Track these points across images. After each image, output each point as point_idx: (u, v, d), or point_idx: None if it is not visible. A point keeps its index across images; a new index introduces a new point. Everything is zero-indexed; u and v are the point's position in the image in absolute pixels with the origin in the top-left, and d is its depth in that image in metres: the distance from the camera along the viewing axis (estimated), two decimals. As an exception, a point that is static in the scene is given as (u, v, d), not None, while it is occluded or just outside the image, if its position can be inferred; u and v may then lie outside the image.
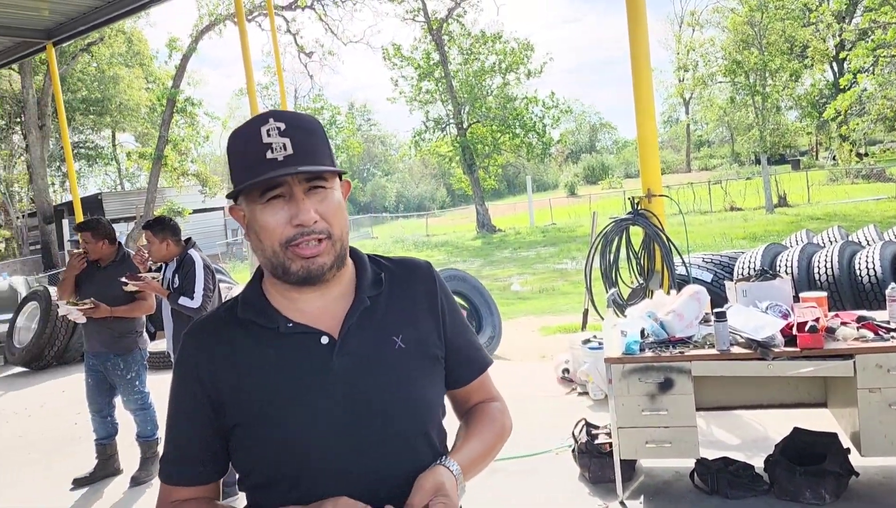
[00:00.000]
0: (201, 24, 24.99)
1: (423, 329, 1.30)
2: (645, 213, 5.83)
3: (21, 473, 5.38)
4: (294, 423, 1.17)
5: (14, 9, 9.52)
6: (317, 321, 1.23)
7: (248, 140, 1.17)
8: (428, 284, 1.36)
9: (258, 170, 1.13)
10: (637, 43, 5.74)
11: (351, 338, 1.22)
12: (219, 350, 1.22)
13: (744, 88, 25.60)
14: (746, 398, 4.36)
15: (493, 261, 20.54)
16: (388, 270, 1.33)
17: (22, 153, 31.37)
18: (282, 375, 1.19)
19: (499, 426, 1.40)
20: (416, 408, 1.25)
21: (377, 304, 1.27)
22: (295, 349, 1.20)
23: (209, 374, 1.21)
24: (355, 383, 1.20)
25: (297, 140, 1.16)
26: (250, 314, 1.23)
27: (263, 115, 1.19)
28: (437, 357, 1.32)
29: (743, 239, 17.05)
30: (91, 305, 4.71)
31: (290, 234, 1.15)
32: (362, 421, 1.19)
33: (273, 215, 1.16)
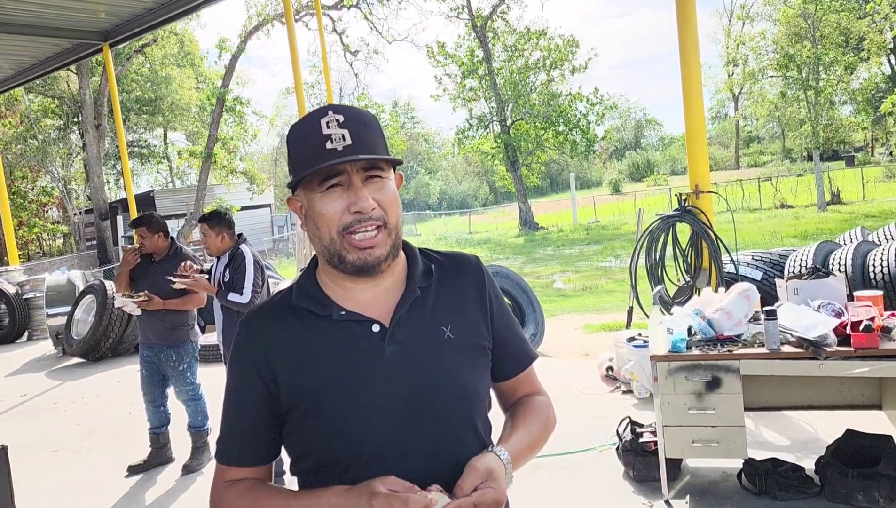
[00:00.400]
0: (250, 25, 25.43)
1: (472, 321, 1.33)
2: (692, 209, 5.77)
3: (78, 460, 5.58)
4: (346, 409, 1.21)
5: (72, 12, 9.86)
6: (368, 310, 1.26)
7: (307, 132, 1.21)
8: (476, 277, 1.38)
9: (317, 160, 1.17)
10: (686, 37, 5.66)
11: (401, 327, 1.25)
12: (274, 336, 1.26)
13: (796, 82, 24.96)
14: (797, 398, 4.28)
15: (536, 258, 20.45)
16: (438, 262, 1.36)
17: (79, 152, 32.37)
18: (335, 361, 1.22)
19: (545, 419, 1.42)
20: (464, 398, 1.27)
21: (427, 294, 1.30)
22: (347, 337, 1.24)
23: (264, 359, 1.25)
24: (406, 370, 1.23)
25: (355, 131, 1.20)
26: (304, 302, 1.27)
27: (323, 108, 1.23)
28: (485, 349, 1.34)
29: (794, 237, 16.65)
30: (145, 297, 4.85)
31: (347, 221, 1.19)
32: (412, 409, 1.22)
33: (331, 202, 1.20)
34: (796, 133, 27.50)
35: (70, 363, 9.64)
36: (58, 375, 9.00)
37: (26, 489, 4.77)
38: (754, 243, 16.03)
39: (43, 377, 8.94)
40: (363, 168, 1.20)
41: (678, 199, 5.84)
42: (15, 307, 11.92)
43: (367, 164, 1.20)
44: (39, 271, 17.83)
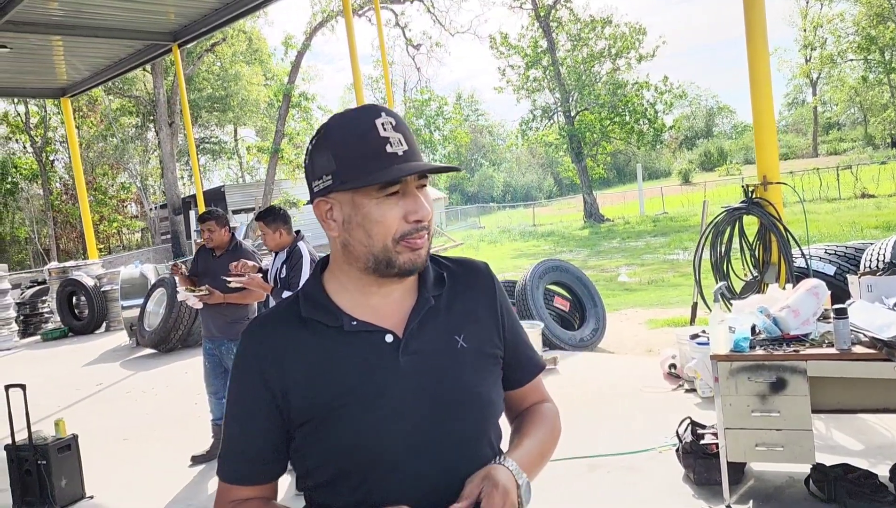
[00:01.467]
0: (314, 22, 25.83)
1: (484, 329, 1.30)
2: (760, 201, 5.53)
3: (146, 448, 5.78)
4: (363, 420, 1.17)
5: (142, 14, 10.20)
6: (380, 319, 1.22)
7: (362, 131, 1.15)
8: (487, 285, 1.36)
9: (380, 163, 1.13)
10: (753, 21, 5.43)
11: (415, 337, 1.22)
12: (282, 348, 1.21)
13: (878, 65, 23.73)
14: (871, 401, 4.04)
15: (601, 251, 20.12)
16: (448, 269, 1.33)
17: (155, 149, 33.63)
18: (348, 373, 1.19)
19: (551, 427, 1.39)
20: (479, 407, 1.25)
21: (440, 303, 1.27)
22: (360, 347, 1.20)
23: (274, 372, 1.20)
24: (421, 381, 1.20)
25: (408, 136, 1.18)
26: (312, 313, 1.23)
27: (373, 107, 1.19)
28: (497, 357, 1.32)
29: (875, 228, 15.83)
30: (206, 292, 4.97)
31: (405, 229, 1.16)
32: (428, 420, 1.19)
33: (389, 209, 1.15)
34: (878, 118, 26.18)
35: (142, 353, 10.03)
36: (131, 365, 9.36)
37: (96, 476, 4.96)
38: (832, 234, 15.34)
39: (117, 367, 9.32)
40: (417, 176, 1.17)
41: (745, 190, 5.61)
42: (93, 299, 12.47)
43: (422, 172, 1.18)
44: (116, 264, 18.60)
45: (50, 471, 4.50)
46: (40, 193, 34.00)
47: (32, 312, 14.08)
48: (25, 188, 34.31)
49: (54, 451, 4.55)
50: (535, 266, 7.86)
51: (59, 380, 8.88)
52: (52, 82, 13.85)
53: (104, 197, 33.27)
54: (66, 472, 4.64)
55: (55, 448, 4.56)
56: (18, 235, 34.27)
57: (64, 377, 9.02)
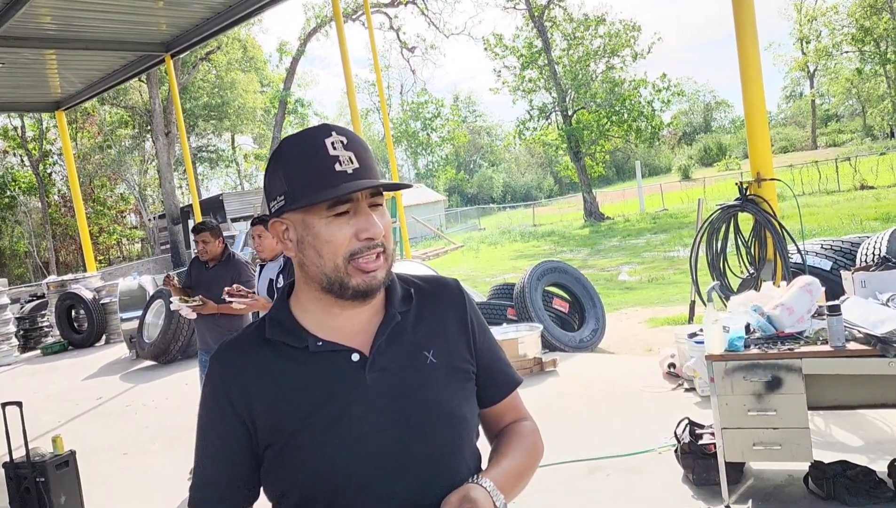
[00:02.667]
0: (308, 27, 25.85)
1: (454, 345, 1.29)
2: (755, 198, 5.51)
3: (146, 462, 5.77)
4: (328, 441, 1.16)
5: (134, 25, 10.21)
6: (346, 338, 1.21)
7: (311, 151, 1.15)
8: (457, 300, 1.34)
9: (330, 181, 1.12)
10: (742, 19, 5.42)
11: (382, 354, 1.21)
12: (248, 371, 1.20)
13: (873, 56, 23.71)
14: (869, 396, 4.02)
15: (601, 250, 20.10)
16: (417, 287, 1.32)
17: (153, 159, 33.65)
18: (314, 394, 1.17)
19: (531, 445, 1.35)
20: (451, 423, 1.22)
21: (407, 319, 1.26)
22: (326, 368, 1.19)
23: (240, 395, 1.19)
24: (389, 399, 1.18)
25: (360, 155, 1.16)
26: (278, 335, 1.21)
27: (324, 127, 1.18)
28: (469, 373, 1.30)
29: (875, 220, 15.79)
30: (200, 302, 4.96)
31: (355, 247, 1.15)
32: (398, 438, 1.17)
33: (339, 229, 1.15)
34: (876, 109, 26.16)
35: (142, 365, 10.01)
36: (131, 378, 9.35)
37: (96, 491, 4.95)
38: (831, 227, 15.32)
39: (117, 380, 9.31)
40: (370, 194, 1.17)
41: (739, 188, 5.60)
42: (92, 312, 12.47)
43: (374, 190, 1.17)
44: (116, 276, 18.60)
45: (48, 488, 4.48)
46: (39, 206, 34.03)
47: (32, 326, 14.08)
48: (24, 202, 34.35)
49: (52, 468, 4.53)
50: (534, 268, 7.84)
51: (59, 395, 8.87)
52: (47, 96, 13.86)
53: (103, 208, 33.29)
54: (65, 489, 4.61)
55: (53, 465, 4.54)
56: (17, 249, 34.30)
57: (64, 392, 9.01)
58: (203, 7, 9.87)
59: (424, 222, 31.12)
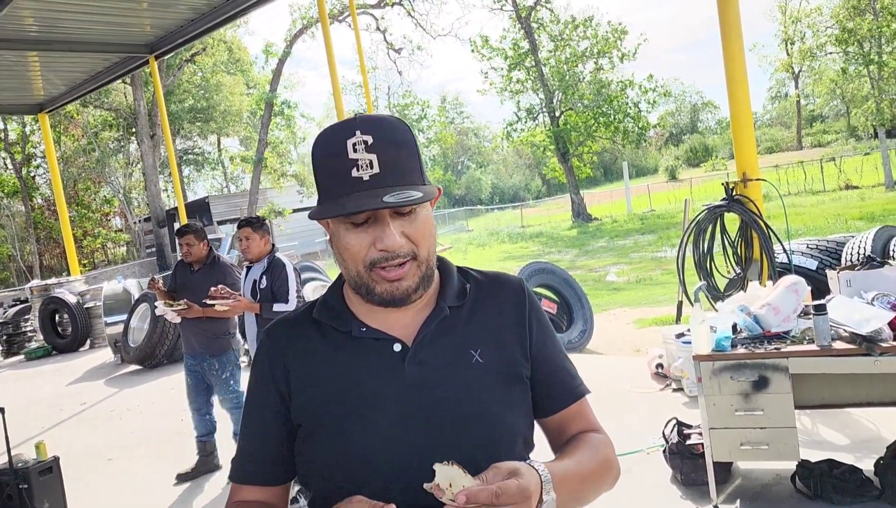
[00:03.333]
0: (294, 29, 25.77)
1: (507, 346, 1.22)
2: (741, 198, 5.53)
3: (131, 467, 5.70)
4: (356, 428, 1.13)
5: (118, 27, 10.12)
6: (392, 328, 1.19)
7: (333, 152, 1.11)
8: (517, 300, 1.27)
9: (342, 189, 1.09)
10: (727, 21, 5.44)
11: (425, 347, 1.17)
12: (292, 350, 1.21)
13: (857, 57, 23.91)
14: (855, 395, 4.04)
15: (589, 251, 20.15)
16: (475, 282, 1.27)
17: (138, 162, 33.41)
18: (350, 379, 1.16)
19: (601, 458, 1.23)
20: (488, 427, 1.15)
21: (458, 315, 1.21)
22: (366, 354, 1.17)
23: (282, 373, 1.20)
24: (426, 393, 1.14)
25: (385, 156, 1.09)
26: (325, 316, 1.21)
27: (350, 124, 1.11)
28: (521, 377, 1.23)
29: (859, 219, 15.93)
30: (185, 306, 4.91)
31: (374, 257, 1.11)
32: (430, 434, 1.12)
33: (356, 237, 1.11)
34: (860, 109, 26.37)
35: (128, 370, 9.92)
36: (116, 383, 9.26)
37: (80, 497, 4.89)
38: (817, 227, 15.43)
39: (102, 385, 9.22)
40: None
41: (725, 188, 5.61)
42: (76, 317, 12.34)
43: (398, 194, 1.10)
44: (100, 279, 18.45)
45: (31, 495, 4.42)
46: (22, 209, 33.70)
47: (15, 331, 13.91)
48: (7, 205, 34.00)
49: (35, 474, 4.47)
50: (522, 269, 7.84)
51: (43, 400, 8.77)
52: (29, 98, 13.72)
53: (87, 212, 32.98)
54: (49, 495, 4.55)
55: (36, 472, 4.48)
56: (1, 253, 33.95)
57: (48, 397, 8.91)
58: (187, 8, 9.79)
59: (412, 224, 30.98)
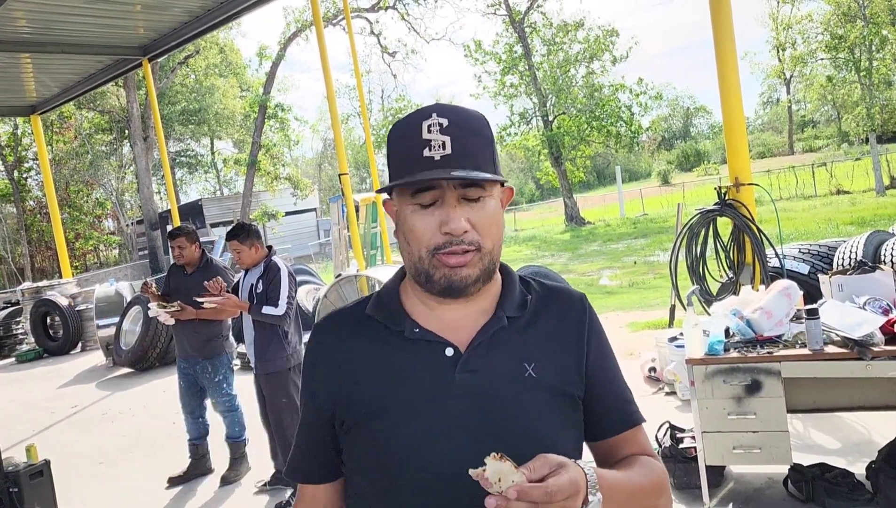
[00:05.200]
0: (288, 31, 25.75)
1: (562, 363, 1.19)
2: (733, 203, 5.55)
3: (123, 471, 5.68)
4: (400, 431, 1.11)
5: (111, 29, 10.08)
6: (447, 332, 1.16)
7: (406, 134, 1.11)
8: (578, 317, 1.24)
9: (413, 168, 1.08)
10: (720, 27, 5.46)
11: (478, 355, 1.14)
12: (341, 345, 1.20)
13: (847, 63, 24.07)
14: (847, 399, 4.07)
15: (582, 255, 20.17)
16: (536, 293, 1.24)
17: (130, 164, 33.29)
18: (395, 379, 1.14)
19: (654, 476, 1.19)
20: (534, 442, 1.08)
21: (515, 326, 1.18)
22: (417, 356, 1.15)
23: (330, 369, 1.19)
24: (475, 403, 1.11)
25: (458, 139, 1.09)
26: (379, 314, 1.19)
27: (428, 108, 1.12)
28: (574, 397, 1.19)
29: (850, 225, 16.00)
30: (178, 307, 4.90)
31: (439, 241, 1.09)
32: (474, 443, 1.08)
33: (422, 219, 1.10)
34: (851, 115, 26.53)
35: (120, 373, 9.87)
36: (107, 385, 9.21)
37: (71, 501, 4.87)
38: (808, 231, 15.49)
39: (93, 388, 9.17)
40: (461, 184, 1.09)
41: (718, 192, 5.63)
42: (68, 319, 12.27)
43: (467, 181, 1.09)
44: (92, 282, 18.36)
45: (22, 498, 4.39)
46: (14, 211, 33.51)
47: (6, 333, 13.82)
48: (-1, 208, 33.83)
49: (26, 478, 4.44)
50: (514, 273, 7.85)
51: (34, 403, 8.72)
52: (22, 100, 13.65)
53: (79, 214, 32.82)
54: (39, 499, 4.52)
55: (27, 475, 4.45)
56: (-8, 255, 33.74)
57: (39, 400, 8.86)
58: (181, 11, 9.77)
59: (405, 228, 30.96)
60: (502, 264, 1.22)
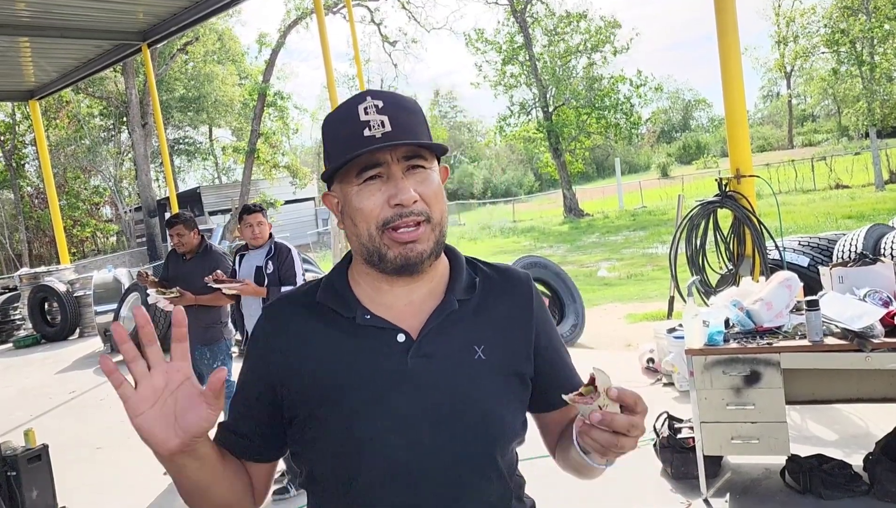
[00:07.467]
0: (288, 19, 25.63)
1: (511, 344, 1.21)
2: (734, 195, 5.54)
3: (120, 456, 5.68)
4: (353, 420, 1.11)
5: (111, 13, 10.04)
6: (398, 318, 1.16)
7: (343, 119, 1.12)
8: (524, 297, 1.26)
9: (356, 149, 1.08)
10: (724, 16, 5.43)
11: (429, 340, 1.15)
12: (291, 333, 1.18)
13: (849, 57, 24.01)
14: (845, 391, 4.08)
15: (580, 246, 20.18)
16: (484, 275, 1.25)
17: (129, 151, 33.19)
18: (350, 367, 1.13)
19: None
20: (487, 425, 1.14)
21: (465, 309, 1.19)
22: (368, 343, 1.14)
23: (278, 355, 1.17)
24: (427, 387, 1.13)
25: (396, 117, 1.10)
26: (329, 300, 1.18)
27: (361, 94, 1.14)
28: (522, 375, 1.22)
29: (849, 219, 16.03)
30: (177, 294, 4.89)
31: (387, 215, 1.10)
32: (428, 427, 1.11)
33: (370, 196, 1.10)
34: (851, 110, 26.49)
35: (118, 359, 9.77)
36: (105, 371, 9.21)
37: (68, 486, 4.87)
38: (807, 225, 15.51)
39: (91, 374, 9.16)
40: (404, 157, 1.10)
41: (719, 184, 5.63)
42: (66, 305, 12.26)
43: (408, 152, 1.10)
44: (90, 268, 18.34)
45: (20, 483, 4.40)
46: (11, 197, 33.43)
47: (4, 319, 13.80)
48: (-4, 193, 33.74)
49: (24, 462, 4.44)
50: (513, 263, 7.84)
51: (32, 388, 8.72)
52: (20, 85, 13.58)
53: (76, 201, 32.75)
54: (37, 483, 4.53)
55: (25, 459, 4.45)
56: (-10, 241, 33.68)
57: (37, 386, 8.86)
58: (181, -4, 9.73)
59: (404, 217, 30.94)
60: (449, 247, 1.24)
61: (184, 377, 1.02)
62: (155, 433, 1.00)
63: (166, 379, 1.01)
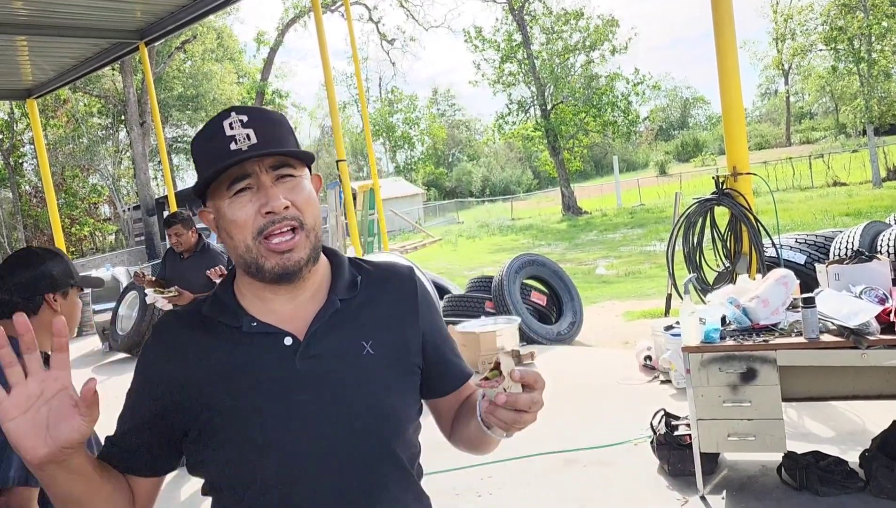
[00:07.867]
0: (286, 17, 25.61)
1: (398, 337, 1.25)
2: (731, 192, 5.55)
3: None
4: (250, 428, 1.13)
5: (108, 12, 10.01)
6: (283, 322, 1.18)
7: (210, 137, 1.14)
8: (407, 290, 1.30)
9: (223, 161, 1.11)
10: (721, 17, 5.43)
11: (316, 341, 1.17)
12: (178, 347, 1.19)
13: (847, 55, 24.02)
14: (842, 388, 4.08)
15: (578, 244, 20.19)
16: (366, 273, 1.29)
17: (127, 150, 33.16)
18: (240, 376, 1.14)
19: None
20: (382, 418, 1.18)
21: (349, 307, 1.22)
22: (257, 350, 1.16)
23: (165, 372, 1.18)
24: (319, 388, 1.15)
25: (261, 129, 1.13)
26: (215, 312, 1.20)
27: (226, 110, 1.17)
28: (411, 366, 1.26)
29: (846, 216, 16.05)
30: (175, 292, 4.90)
31: (261, 224, 1.11)
32: (323, 426, 1.14)
33: (241, 207, 1.12)
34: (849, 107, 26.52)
35: (116, 358, 9.88)
36: (103, 371, 9.22)
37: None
38: (804, 223, 15.53)
39: (90, 373, 9.17)
40: (272, 167, 1.13)
41: (716, 182, 5.63)
42: (64, 304, 12.23)
43: (275, 162, 1.13)
44: (88, 267, 18.33)
45: (18, 481, 4.41)
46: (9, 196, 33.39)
47: (3, 318, 13.82)
48: (-6, 192, 33.69)
49: (22, 460, 4.46)
50: (512, 261, 7.84)
51: (31, 387, 8.71)
52: (17, 84, 13.54)
53: (74, 200, 32.72)
54: (35, 481, 4.54)
55: (22, 458, 4.47)
56: (-12, 239, 33.63)
57: (35, 384, 8.85)
58: (179, -6, 9.71)
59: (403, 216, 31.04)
60: (331, 250, 1.27)
61: (61, 386, 1.01)
62: (24, 440, 0.98)
63: (42, 388, 0.99)
